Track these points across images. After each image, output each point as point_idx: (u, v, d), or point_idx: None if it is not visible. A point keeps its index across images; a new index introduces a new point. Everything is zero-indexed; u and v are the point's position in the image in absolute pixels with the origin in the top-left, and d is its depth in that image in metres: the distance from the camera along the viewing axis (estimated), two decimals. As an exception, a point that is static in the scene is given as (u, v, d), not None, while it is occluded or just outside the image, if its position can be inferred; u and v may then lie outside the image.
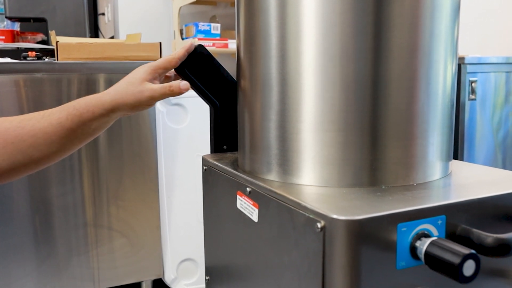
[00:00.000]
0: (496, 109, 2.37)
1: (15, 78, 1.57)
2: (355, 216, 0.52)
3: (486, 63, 2.29)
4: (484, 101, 2.31)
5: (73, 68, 1.63)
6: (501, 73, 2.35)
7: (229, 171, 0.78)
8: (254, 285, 0.73)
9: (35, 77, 1.59)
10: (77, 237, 1.70)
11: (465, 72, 2.21)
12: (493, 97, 2.34)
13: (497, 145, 2.39)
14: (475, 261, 0.49)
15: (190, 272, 1.89)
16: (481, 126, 2.32)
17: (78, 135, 0.78)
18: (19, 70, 1.57)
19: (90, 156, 1.69)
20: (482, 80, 2.28)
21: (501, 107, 2.38)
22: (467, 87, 2.23)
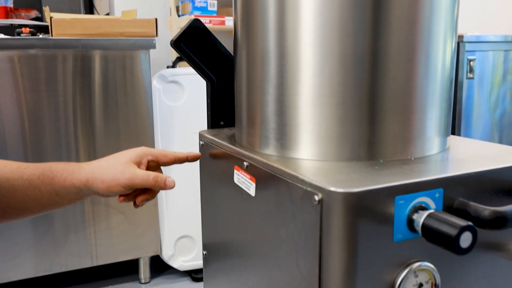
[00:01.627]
0: (494, 87, 2.36)
1: (9, 54, 1.55)
2: (353, 189, 0.52)
3: (485, 42, 2.28)
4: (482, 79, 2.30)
5: (67, 44, 1.62)
6: (500, 51, 2.34)
7: (226, 145, 0.77)
8: (252, 259, 0.74)
9: (30, 53, 1.57)
10: (74, 214, 1.71)
11: (463, 51, 2.20)
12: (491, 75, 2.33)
13: (494, 123, 2.40)
14: (472, 233, 0.50)
15: (188, 249, 1.90)
16: (478, 105, 2.32)
17: (43, 198, 0.74)
18: (13, 46, 1.55)
19: (86, 134, 1.68)
20: (481, 59, 2.27)
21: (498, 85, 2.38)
22: (465, 66, 2.22)
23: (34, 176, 0.73)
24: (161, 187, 0.74)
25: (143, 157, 0.76)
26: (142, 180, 0.72)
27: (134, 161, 0.75)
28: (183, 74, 1.81)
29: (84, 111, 1.67)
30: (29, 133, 1.61)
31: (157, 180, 0.73)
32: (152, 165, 0.78)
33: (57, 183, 0.73)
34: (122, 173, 0.72)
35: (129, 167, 0.73)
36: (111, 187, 0.72)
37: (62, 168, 0.74)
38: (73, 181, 0.73)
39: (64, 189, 0.73)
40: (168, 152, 0.79)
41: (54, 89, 1.62)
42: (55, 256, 1.70)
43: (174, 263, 1.89)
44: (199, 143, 0.87)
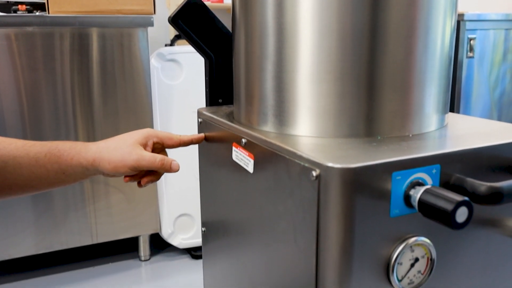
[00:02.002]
0: (494, 67, 2.35)
1: (6, 32, 1.54)
2: (350, 164, 0.52)
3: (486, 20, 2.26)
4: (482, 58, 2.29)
5: (64, 21, 1.60)
6: (500, 30, 2.32)
7: (225, 123, 0.77)
8: (250, 235, 0.74)
9: (27, 31, 1.56)
10: (74, 192, 1.72)
11: (464, 29, 2.18)
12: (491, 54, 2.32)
13: (493, 103, 2.39)
14: (468, 208, 0.50)
15: (187, 227, 1.91)
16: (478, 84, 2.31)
17: (49, 176, 0.74)
18: (10, 23, 1.54)
19: (85, 113, 1.68)
20: (481, 38, 2.25)
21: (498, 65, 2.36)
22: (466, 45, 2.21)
23: (41, 154, 0.73)
24: (166, 170, 0.75)
25: (149, 139, 0.77)
26: (148, 162, 0.73)
27: (141, 143, 0.75)
28: (181, 52, 1.80)
29: (82, 89, 1.66)
30: (28, 111, 1.61)
31: (163, 163, 0.74)
32: (157, 147, 0.79)
33: (63, 162, 0.73)
34: (129, 155, 0.73)
35: (136, 149, 0.74)
36: (117, 168, 0.73)
37: (69, 147, 0.74)
38: (80, 160, 0.73)
39: (71, 168, 0.74)
40: (174, 135, 0.80)
41: (51, 67, 1.61)
42: (55, 233, 1.71)
43: (173, 241, 1.91)
44: (198, 121, 0.87)
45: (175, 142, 0.79)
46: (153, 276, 1.83)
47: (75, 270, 1.84)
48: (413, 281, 0.58)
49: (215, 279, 0.94)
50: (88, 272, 1.83)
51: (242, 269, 0.79)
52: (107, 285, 1.74)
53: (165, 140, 0.78)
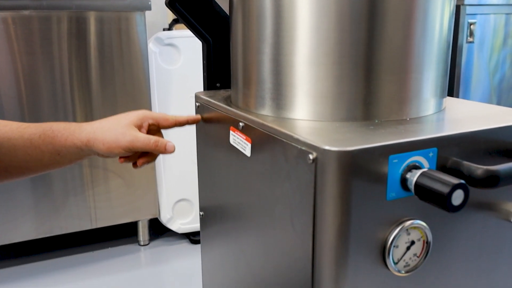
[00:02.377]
0: (494, 52, 2.34)
1: (3, 15, 1.52)
2: (347, 148, 0.52)
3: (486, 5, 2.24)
4: (482, 44, 2.27)
5: (61, 5, 1.59)
6: (501, 15, 2.30)
7: (222, 106, 0.77)
8: (247, 219, 0.75)
9: (23, 14, 1.54)
10: (73, 177, 1.72)
11: (464, 14, 2.17)
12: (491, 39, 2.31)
13: (493, 88, 2.39)
14: (464, 191, 0.50)
15: (186, 212, 1.92)
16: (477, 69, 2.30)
17: (44, 158, 0.73)
18: (6, 7, 1.53)
19: (83, 97, 1.67)
20: (481, 22, 2.24)
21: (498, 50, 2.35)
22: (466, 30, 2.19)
23: (35, 135, 0.73)
24: (161, 151, 0.75)
25: (144, 120, 0.76)
26: (143, 144, 0.73)
27: (136, 124, 0.75)
28: (179, 36, 1.79)
29: (80, 74, 1.65)
30: (26, 96, 1.60)
31: (157, 144, 0.74)
32: (152, 128, 0.79)
33: (58, 142, 0.73)
34: (123, 136, 0.72)
35: (130, 129, 0.73)
36: (111, 148, 0.72)
37: (63, 127, 0.74)
38: (74, 141, 0.73)
39: (65, 148, 0.73)
40: (169, 116, 0.79)
41: (49, 52, 1.60)
42: (55, 218, 1.71)
43: (172, 225, 1.92)
44: (195, 105, 0.87)
45: (170, 122, 0.79)
46: (152, 261, 1.84)
47: (74, 254, 1.85)
48: (409, 264, 0.59)
49: (213, 263, 0.95)
50: (88, 257, 1.84)
51: (240, 252, 0.80)
52: (106, 269, 1.75)
53: (160, 121, 0.78)
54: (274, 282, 0.68)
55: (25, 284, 1.65)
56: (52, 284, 1.65)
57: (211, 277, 0.98)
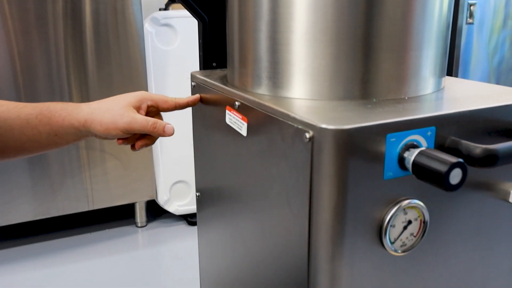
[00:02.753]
0: (494, 33, 2.32)
1: (-4, -6, 1.50)
2: (344, 126, 0.51)
3: (487, -15, 2.22)
4: (481, 25, 2.25)
5: (56, -16, 1.56)
6: (501, -4, 2.28)
7: (218, 86, 0.76)
8: (244, 199, 0.74)
9: (18, -7, 1.52)
10: (70, 159, 1.71)
11: (464, -5, 2.14)
12: (491, 21, 2.29)
13: (492, 70, 2.37)
14: (462, 169, 0.50)
15: (183, 193, 1.92)
16: (477, 51, 2.29)
17: (41, 138, 0.72)
18: (0, -14, 1.50)
19: (78, 78, 1.66)
20: (481, 3, 2.21)
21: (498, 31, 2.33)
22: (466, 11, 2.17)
23: (32, 115, 0.72)
24: (159, 133, 0.74)
25: (143, 101, 0.75)
26: (140, 126, 0.72)
27: (134, 106, 0.74)
28: (176, 17, 1.77)
29: (75, 54, 1.63)
30: (22, 77, 1.58)
31: (155, 126, 0.72)
32: (151, 110, 0.77)
33: (55, 123, 0.72)
34: (121, 117, 0.71)
35: (128, 111, 0.72)
36: (109, 130, 0.71)
37: (61, 108, 0.73)
38: (71, 121, 0.72)
39: (62, 129, 0.72)
40: (169, 98, 0.77)
41: (44, 32, 1.58)
42: (52, 200, 1.71)
43: (169, 207, 1.92)
44: (191, 84, 0.86)
45: (170, 105, 0.77)
46: (150, 242, 1.85)
47: (72, 236, 1.86)
48: (405, 244, 0.58)
49: (210, 244, 0.95)
50: (85, 238, 1.85)
51: (236, 233, 0.79)
52: (103, 251, 1.76)
53: (160, 103, 0.77)
54: (270, 262, 0.68)
55: (23, 265, 1.66)
56: (50, 265, 1.66)
57: (208, 258, 0.98)
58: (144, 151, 1.80)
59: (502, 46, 2.36)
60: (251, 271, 0.76)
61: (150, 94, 0.76)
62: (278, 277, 0.66)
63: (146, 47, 1.74)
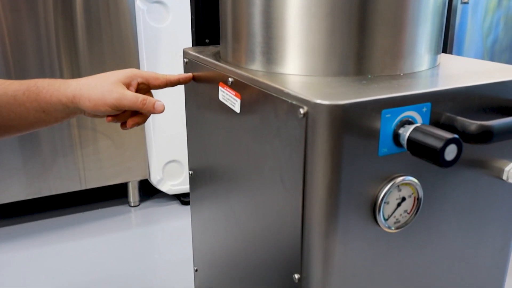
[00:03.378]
0: (488, 13, 2.30)
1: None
2: (339, 101, 0.51)
3: (483, -37, 2.20)
4: (476, 5, 2.24)
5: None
6: (498, -26, 2.26)
7: (211, 62, 0.75)
8: (237, 177, 0.74)
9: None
10: (62, 138, 1.69)
11: (460, -27, 2.12)
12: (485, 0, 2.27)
13: (486, 50, 2.36)
14: (457, 145, 0.49)
15: (176, 173, 1.91)
16: (471, 31, 2.28)
17: (29, 115, 0.71)
18: (-13, -40, 1.46)
19: (69, 56, 1.63)
20: (477, -17, 2.20)
21: (493, 11, 2.32)
22: (461, -10, 2.16)
23: (19, 92, 0.70)
24: (149, 110, 0.72)
25: (133, 78, 0.74)
26: (130, 102, 0.70)
27: (124, 82, 0.72)
28: (168, -7, 1.73)
29: (66, 31, 1.61)
30: (11, 54, 1.56)
31: (145, 103, 0.71)
32: (142, 87, 0.76)
33: (42, 99, 0.70)
34: (109, 93, 0.70)
35: (117, 87, 0.71)
36: (97, 106, 0.70)
37: (48, 84, 0.71)
38: (59, 97, 0.70)
39: (50, 105, 0.71)
40: (159, 74, 0.76)
41: (34, 9, 1.55)
42: (43, 179, 1.70)
43: (162, 187, 1.91)
44: (183, 61, 0.85)
45: (161, 82, 0.76)
46: (143, 222, 1.85)
47: (65, 215, 1.85)
48: (399, 220, 0.58)
49: (203, 222, 0.94)
50: (78, 218, 1.84)
51: (230, 211, 0.79)
52: (96, 230, 1.75)
53: (150, 80, 0.75)
54: (264, 239, 0.68)
55: (15, 245, 1.65)
56: (43, 244, 1.65)
57: (201, 237, 0.98)
58: (136, 130, 1.79)
59: (496, 26, 2.35)
60: (245, 249, 0.76)
61: (140, 71, 0.75)
62: (271, 254, 0.66)
63: (137, 25, 1.71)
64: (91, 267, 1.52)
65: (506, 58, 2.41)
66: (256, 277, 0.73)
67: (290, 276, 0.61)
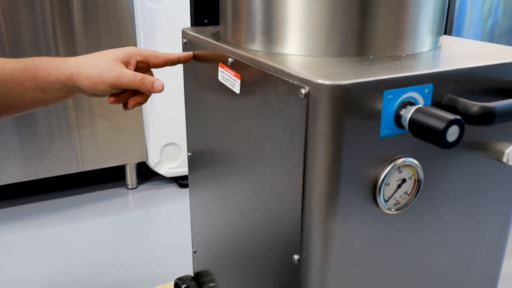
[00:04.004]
0: (488, -3, 2.29)
1: None
2: (340, 81, 0.50)
3: None
4: (476, -12, 2.22)
5: None
6: (498, -43, 2.24)
7: (210, 42, 0.74)
8: (236, 159, 0.73)
9: None
10: (58, 120, 1.68)
11: (460, -45, 2.10)
12: (486, -16, 2.25)
13: (485, 34, 2.35)
14: (459, 126, 0.49)
15: (174, 156, 1.91)
16: (470, 15, 2.26)
17: (26, 94, 0.70)
18: None
19: (66, 39, 1.61)
20: (477, -35, 2.18)
21: (493, -5, 2.30)
22: (461, -27, 2.14)
23: (17, 70, 0.69)
24: (148, 89, 0.71)
25: (132, 57, 0.73)
26: (128, 80, 0.69)
27: (122, 60, 0.71)
28: (165, -26, 1.71)
29: (62, 12, 1.58)
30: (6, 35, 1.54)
31: (144, 82, 0.70)
32: (141, 66, 0.75)
33: (40, 77, 0.69)
34: (108, 71, 0.69)
35: (116, 65, 0.70)
36: (96, 84, 0.69)
37: (46, 62, 0.70)
38: (57, 75, 0.70)
39: (48, 83, 0.70)
40: (159, 53, 0.75)
41: (29, -11, 1.53)
42: (41, 161, 1.69)
43: (160, 169, 1.91)
44: (182, 41, 0.84)
45: (161, 60, 0.75)
46: (141, 204, 1.85)
47: (62, 197, 1.85)
48: (399, 202, 0.58)
49: (202, 204, 0.94)
50: (76, 200, 1.84)
51: (229, 193, 0.79)
52: (94, 212, 1.76)
53: (150, 58, 0.74)
54: (263, 221, 0.68)
55: (13, 227, 1.65)
56: (40, 226, 1.65)
57: (199, 218, 0.98)
58: (133, 113, 1.78)
59: (495, 10, 2.33)
60: (244, 230, 0.76)
61: (140, 50, 0.74)
62: (271, 235, 0.66)
63: (135, 6, 1.69)
64: (88, 249, 1.52)
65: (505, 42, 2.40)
66: (255, 258, 0.73)
67: (290, 257, 0.61)
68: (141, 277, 1.38)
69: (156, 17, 1.74)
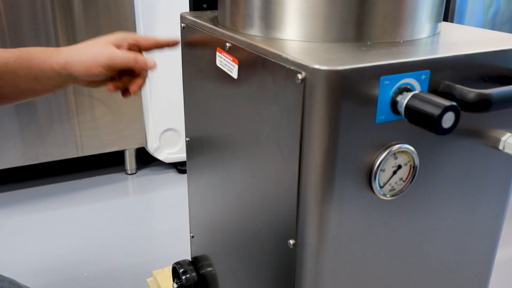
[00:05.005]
0: (491, -16, 2.27)
1: None
2: (337, 67, 0.50)
3: None
4: (479, -25, 2.20)
5: None
6: None
7: (208, 27, 0.74)
8: (234, 144, 0.74)
9: None
10: (58, 104, 1.69)
11: None
12: (489, -29, 2.24)
13: (487, 22, 2.34)
14: (455, 113, 0.49)
15: (173, 141, 1.91)
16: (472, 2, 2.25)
17: (20, 84, 0.70)
18: None
19: (65, 23, 1.61)
20: (480, -48, 2.16)
21: (495, -18, 2.28)
22: (463, -41, 2.12)
23: (11, 59, 0.70)
24: (142, 67, 0.73)
25: (123, 40, 0.74)
26: (122, 60, 0.70)
27: (114, 43, 0.73)
28: (165, -42, 1.70)
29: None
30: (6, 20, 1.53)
31: (137, 60, 0.72)
32: (133, 49, 0.76)
33: (34, 66, 0.70)
34: (101, 53, 0.70)
35: (108, 47, 0.71)
36: (91, 68, 0.69)
37: (40, 51, 0.71)
38: (51, 64, 0.70)
39: (42, 73, 0.70)
40: (149, 36, 0.77)
41: (27, -28, 1.52)
42: (40, 145, 1.70)
43: (159, 155, 1.92)
44: (180, 26, 0.83)
45: (151, 42, 0.77)
46: (140, 189, 1.86)
47: (62, 182, 1.86)
48: (394, 188, 0.59)
49: (200, 189, 0.95)
50: (75, 184, 1.85)
51: (226, 178, 0.79)
52: (93, 197, 1.76)
53: (140, 41, 0.76)
54: (260, 206, 0.68)
55: (12, 211, 1.66)
56: (40, 211, 1.66)
57: (197, 203, 0.98)
58: (133, 98, 1.78)
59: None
60: (241, 215, 0.76)
61: (130, 34, 0.76)
62: (267, 220, 0.67)
63: (134, -10, 1.68)
64: (87, 233, 1.53)
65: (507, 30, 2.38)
66: (251, 243, 0.73)
67: (285, 242, 0.61)
68: (139, 261, 1.39)
69: (156, 1, 1.73)
